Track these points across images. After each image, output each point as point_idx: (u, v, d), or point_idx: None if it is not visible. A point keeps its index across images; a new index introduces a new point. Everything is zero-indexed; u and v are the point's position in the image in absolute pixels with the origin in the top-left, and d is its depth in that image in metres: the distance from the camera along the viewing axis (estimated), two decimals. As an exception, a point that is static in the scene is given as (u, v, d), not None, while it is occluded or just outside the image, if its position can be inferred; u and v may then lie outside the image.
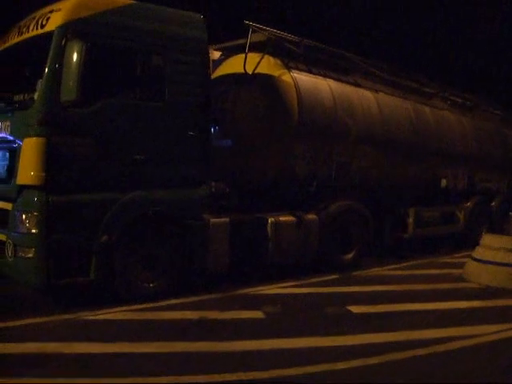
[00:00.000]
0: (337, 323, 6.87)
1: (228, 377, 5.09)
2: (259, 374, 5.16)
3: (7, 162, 7.26)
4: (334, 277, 9.40)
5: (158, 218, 7.61)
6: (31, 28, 7.43)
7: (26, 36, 7.55)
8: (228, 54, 10.17)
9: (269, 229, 8.76)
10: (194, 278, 8.14)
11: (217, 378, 5.07)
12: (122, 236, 7.24)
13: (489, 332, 6.57)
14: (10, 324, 6.45)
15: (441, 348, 5.95)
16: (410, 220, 11.75)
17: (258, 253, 8.79)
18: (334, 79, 10.23)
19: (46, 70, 6.80)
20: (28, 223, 6.81)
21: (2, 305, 7.37)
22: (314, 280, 9.06)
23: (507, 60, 22.65)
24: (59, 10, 7.11)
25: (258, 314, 7.13)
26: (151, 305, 7.24)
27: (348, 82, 10.56)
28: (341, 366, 5.40)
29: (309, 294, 8.31)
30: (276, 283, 8.68)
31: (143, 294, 7.47)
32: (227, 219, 8.26)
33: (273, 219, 8.84)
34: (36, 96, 6.92)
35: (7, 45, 8.10)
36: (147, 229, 7.53)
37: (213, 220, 8.05)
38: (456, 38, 23.25)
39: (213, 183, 8.34)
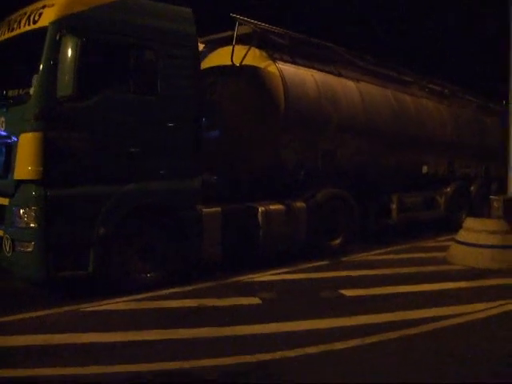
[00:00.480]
0: (331, 306, 7.08)
1: (230, 360, 5.28)
2: (262, 355, 5.35)
3: (3, 158, 7.33)
4: (323, 263, 9.59)
5: (153, 209, 7.77)
6: (23, 24, 7.47)
7: (17, 32, 7.59)
8: (212, 46, 10.30)
9: (259, 217, 8.95)
10: (189, 268, 8.25)
11: (220, 361, 5.26)
12: (119, 228, 7.36)
13: (477, 310, 6.86)
14: (12, 318, 6.56)
15: (434, 326, 6.22)
16: (394, 206, 12.03)
17: (250, 241, 8.99)
18: (318, 70, 10.44)
19: (42, 65, 6.88)
20: (26, 218, 6.90)
21: (1, 299, 7.47)
22: (304, 266, 9.25)
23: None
24: (52, 5, 7.16)
25: (254, 300, 7.32)
26: (150, 294, 7.38)
27: (331, 72, 10.78)
28: (339, 346, 5.62)
29: (301, 279, 8.50)
30: (268, 270, 8.85)
31: (141, 285, 7.61)
32: (219, 209, 8.43)
33: (263, 208, 9.03)
34: (32, 91, 6.98)
35: (-3, 41, 8.16)
36: (143, 220, 7.66)
37: (205, 210, 8.20)
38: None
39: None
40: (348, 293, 7.69)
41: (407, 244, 11.69)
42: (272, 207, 9.21)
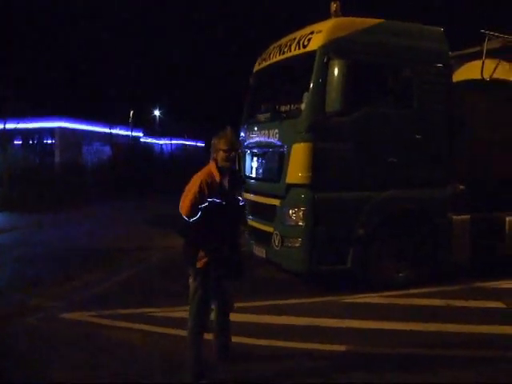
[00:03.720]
0: None
1: (479, 353, 5.92)
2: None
3: (276, 164, 8.44)
4: None
5: (408, 214, 8.37)
6: (293, 48, 8.56)
7: (287, 55, 8.74)
8: (458, 61, 10.53)
9: (506, 227, 9.09)
10: (437, 271, 8.70)
11: (467, 352, 5.93)
12: (376, 230, 8.09)
13: None
14: (282, 302, 7.74)
15: None
16: None
17: (495, 249, 9.17)
18: None
19: (311, 84, 7.88)
20: (295, 217, 7.92)
21: (270, 286, 8.67)
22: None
23: None
24: (320, 31, 8.14)
25: (499, 304, 7.64)
26: (400, 292, 8.07)
27: None
28: None
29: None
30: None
31: (392, 283, 8.28)
32: (468, 217, 8.78)
33: (510, 218, 9.15)
34: (303, 107, 8.01)
35: (268, 62, 9.41)
36: (397, 224, 8.30)
37: (455, 217, 8.65)
38: None
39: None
40: None
41: None
42: (519, 218, 9.32)
